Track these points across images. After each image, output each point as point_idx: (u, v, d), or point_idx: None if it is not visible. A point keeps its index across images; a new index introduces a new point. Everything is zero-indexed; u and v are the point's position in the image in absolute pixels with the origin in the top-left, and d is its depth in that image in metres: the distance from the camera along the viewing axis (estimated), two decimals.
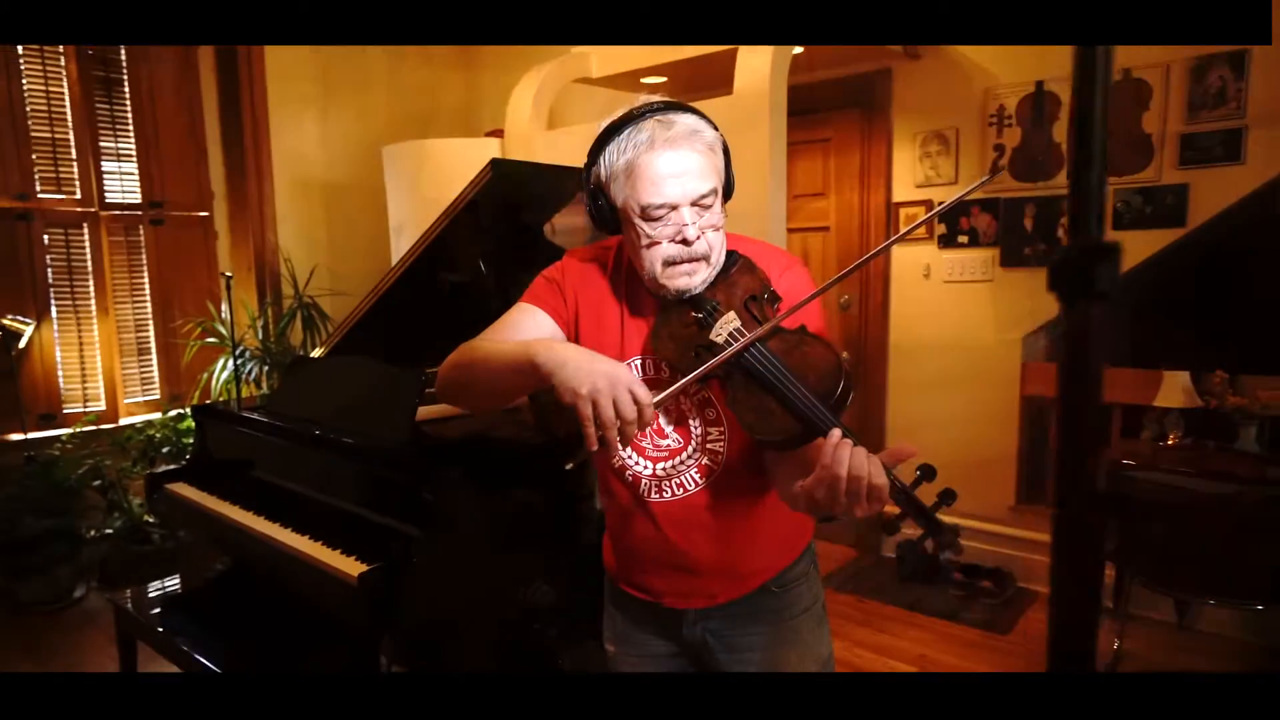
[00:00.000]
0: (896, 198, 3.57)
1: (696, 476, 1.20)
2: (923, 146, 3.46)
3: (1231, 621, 2.90)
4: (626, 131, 1.10)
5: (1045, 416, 3.35)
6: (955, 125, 3.36)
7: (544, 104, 3.53)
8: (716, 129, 1.15)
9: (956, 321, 3.45)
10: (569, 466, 1.04)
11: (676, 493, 1.20)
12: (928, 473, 0.94)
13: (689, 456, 1.19)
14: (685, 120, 1.11)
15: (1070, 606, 0.47)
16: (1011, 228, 3.27)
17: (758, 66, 2.62)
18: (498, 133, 3.80)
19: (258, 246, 4.19)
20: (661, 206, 1.09)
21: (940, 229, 3.45)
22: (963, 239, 3.40)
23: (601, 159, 1.13)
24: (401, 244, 3.75)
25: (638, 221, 1.11)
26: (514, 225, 2.17)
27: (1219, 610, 2.87)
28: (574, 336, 1.25)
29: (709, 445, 1.19)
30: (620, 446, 1.00)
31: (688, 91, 3.78)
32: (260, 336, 3.97)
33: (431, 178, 3.55)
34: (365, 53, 4.47)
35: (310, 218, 4.37)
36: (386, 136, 4.27)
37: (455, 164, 3.34)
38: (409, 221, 3.72)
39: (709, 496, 1.20)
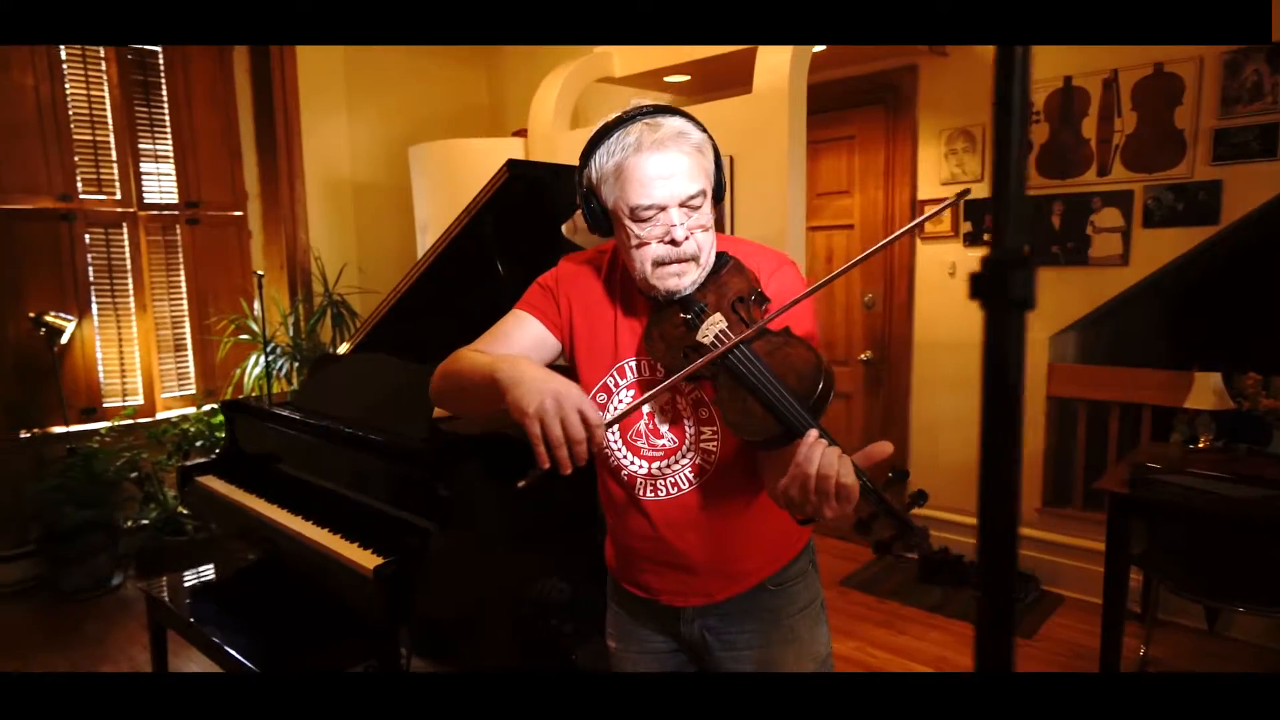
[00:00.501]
0: (921, 195, 3.53)
1: (690, 475, 1.21)
2: (948, 144, 3.42)
3: (1264, 629, 2.83)
4: (615, 135, 1.12)
5: (1072, 418, 3.29)
6: (981, 122, 3.32)
7: (567, 103, 3.56)
8: (705, 131, 1.16)
9: (981, 320, 3.40)
10: (521, 485, 1.06)
11: (671, 491, 1.22)
12: (900, 475, 0.94)
13: (683, 455, 1.21)
14: (672, 122, 1.12)
15: (993, 615, 0.48)
16: (1038, 225, 3.21)
17: (777, 65, 2.62)
18: (523, 132, 3.83)
19: (289, 245, 4.28)
20: (650, 208, 1.10)
21: (966, 226, 3.41)
22: (988, 237, 3.34)
23: (592, 162, 1.15)
24: (427, 242, 3.81)
25: (627, 223, 1.13)
26: (531, 225, 2.20)
27: (1251, 617, 2.81)
28: (569, 340, 1.27)
29: (702, 444, 1.20)
30: (569, 467, 1.01)
31: (710, 90, 3.79)
32: (291, 333, 4.05)
33: (456, 177, 3.60)
34: (393, 53, 4.54)
35: (340, 217, 4.45)
36: (414, 136, 4.34)
37: (480, 163, 3.38)
38: (434, 220, 3.77)
39: (703, 495, 1.21)
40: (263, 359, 3.62)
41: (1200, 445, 2.68)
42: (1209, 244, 2.87)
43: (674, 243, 1.11)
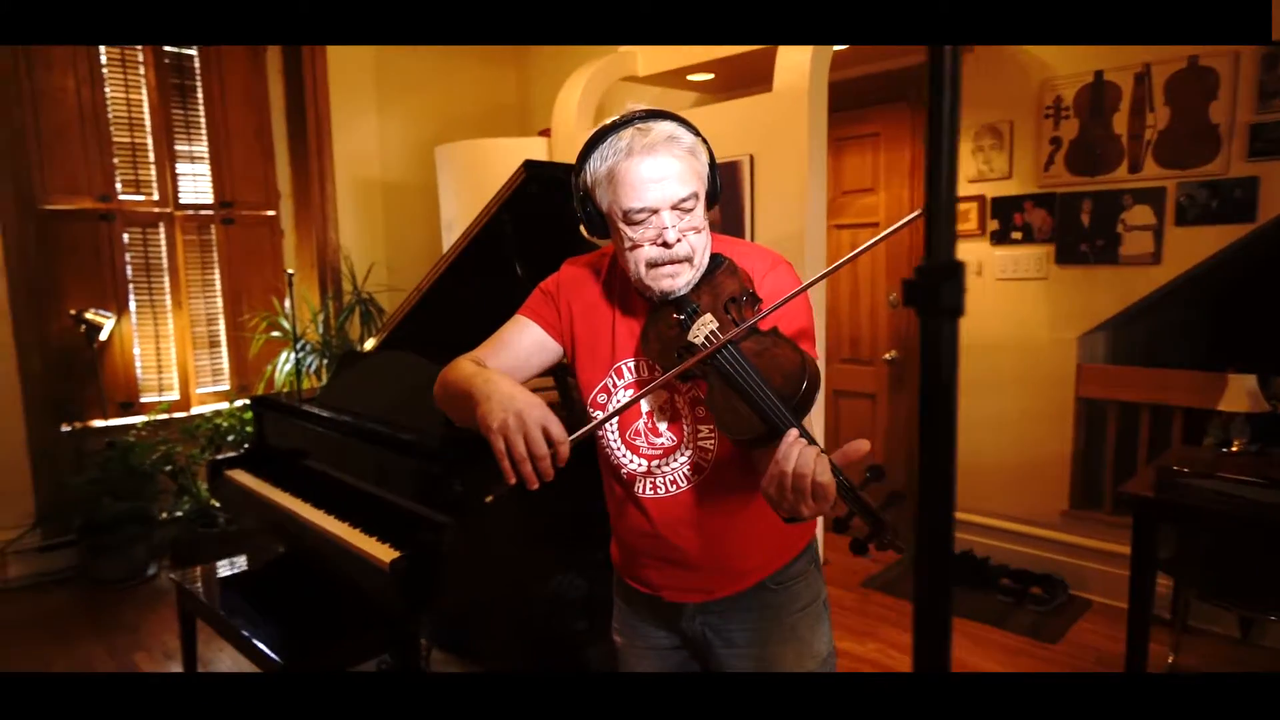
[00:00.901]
0: None
1: (688, 473, 1.23)
2: (975, 140, 3.37)
3: None
4: (608, 140, 1.14)
5: (1102, 419, 3.23)
6: (1009, 118, 3.27)
7: (590, 102, 3.58)
8: (698, 134, 1.17)
9: (1009, 320, 3.35)
10: (488, 500, 1.09)
11: (670, 489, 1.23)
12: (876, 473, 0.94)
13: (681, 454, 1.22)
14: (663, 126, 1.13)
15: (930, 613, 0.48)
16: (1068, 223, 3.16)
17: (797, 63, 2.60)
18: (548, 132, 3.86)
19: (320, 244, 4.36)
20: (642, 211, 1.12)
21: (993, 225, 3.36)
22: (1016, 235, 3.30)
23: (586, 167, 1.17)
24: (452, 241, 3.85)
25: (621, 226, 1.15)
26: (548, 224, 2.21)
27: None
28: (570, 343, 1.29)
29: (700, 443, 1.21)
30: (535, 482, 1.03)
31: (733, 88, 3.78)
32: (321, 331, 4.13)
33: (481, 177, 3.64)
34: (422, 54, 4.59)
35: (369, 216, 4.52)
36: (443, 136, 4.38)
37: (504, 163, 3.38)
38: (459, 219, 3.82)
39: (700, 493, 1.22)
40: (293, 356, 3.70)
41: (1234, 449, 2.61)
42: (1244, 242, 2.80)
43: (666, 245, 1.12)
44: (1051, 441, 3.27)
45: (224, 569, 2.58)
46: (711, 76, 3.67)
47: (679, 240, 1.12)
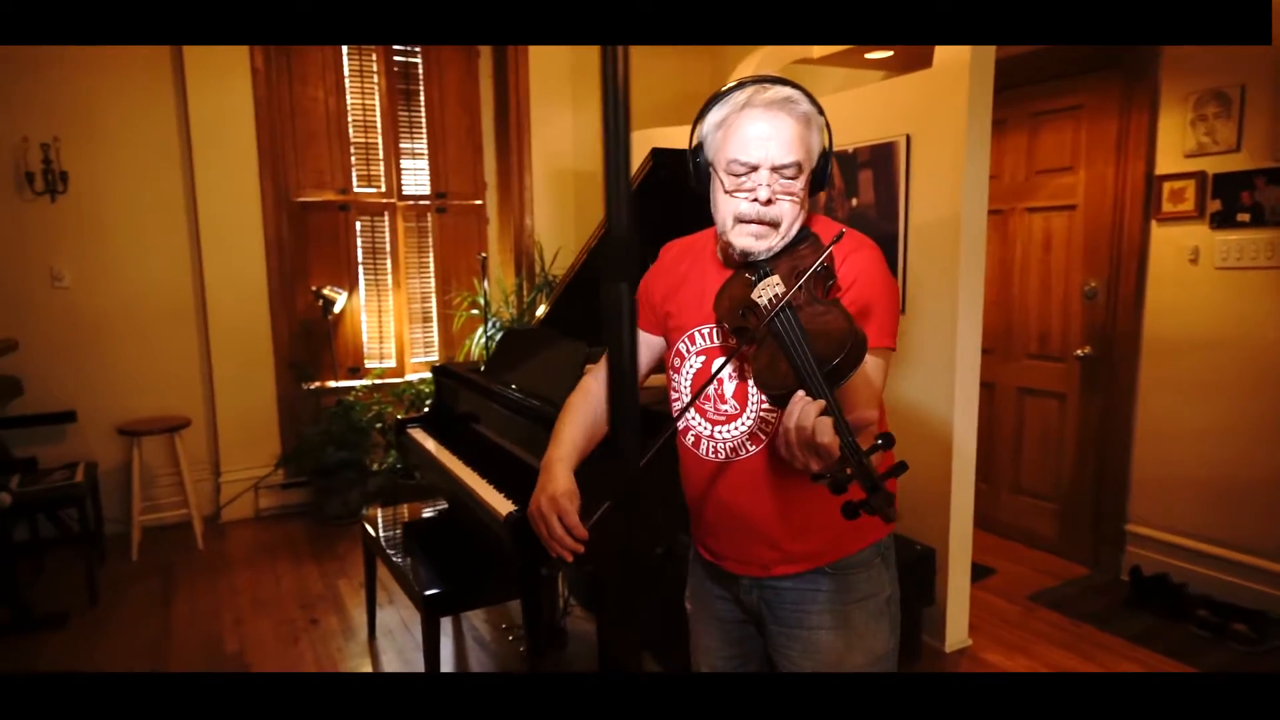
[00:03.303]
0: (1160, 170, 3.08)
1: (748, 442, 1.23)
2: (1197, 109, 2.95)
3: None
4: (731, 94, 1.18)
5: None
6: (1240, 81, 2.82)
7: None
8: (820, 111, 1.18)
9: (1230, 315, 2.91)
10: (544, 572, 1.23)
11: (730, 455, 1.25)
12: (887, 441, 0.92)
13: (744, 422, 1.23)
14: (782, 90, 1.15)
15: (620, 606, 0.50)
16: None
17: None
18: None
19: (517, 231, 4.76)
20: (743, 164, 1.15)
21: (1214, 205, 2.92)
22: (1243, 217, 2.85)
23: (706, 116, 1.21)
24: None
25: (721, 175, 1.18)
26: (678, 209, 2.29)
27: None
28: (664, 325, 1.35)
29: (762, 412, 1.22)
30: (569, 557, 1.22)
31: (913, 65, 3.59)
32: (512, 310, 4.52)
33: None
34: None
35: (561, 204, 4.84)
36: (635, 126, 4.57)
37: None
38: None
39: (763, 462, 1.23)
40: (486, 331, 4.09)
41: None
42: None
43: (759, 201, 1.14)
44: (1276, 457, 2.80)
45: (427, 512, 2.97)
46: (891, 54, 3.53)
47: (771, 201, 1.14)
